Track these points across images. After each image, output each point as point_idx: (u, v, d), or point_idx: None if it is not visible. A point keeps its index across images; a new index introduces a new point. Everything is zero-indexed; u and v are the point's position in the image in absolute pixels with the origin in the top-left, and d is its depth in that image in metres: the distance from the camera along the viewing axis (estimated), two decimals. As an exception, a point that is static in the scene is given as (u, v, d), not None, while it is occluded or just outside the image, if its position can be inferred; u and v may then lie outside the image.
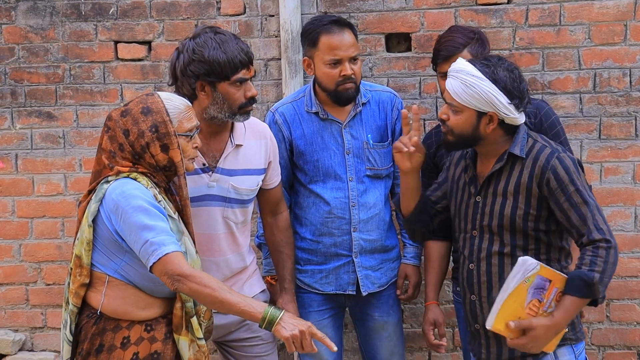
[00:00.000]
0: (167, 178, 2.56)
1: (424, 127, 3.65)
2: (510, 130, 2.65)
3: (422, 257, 3.29)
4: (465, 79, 2.58)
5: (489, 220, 2.65)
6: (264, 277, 3.23)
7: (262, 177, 2.99)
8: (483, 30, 3.39)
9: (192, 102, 2.75)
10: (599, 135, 3.59)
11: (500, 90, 2.56)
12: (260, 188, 3.01)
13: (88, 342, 2.49)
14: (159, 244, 2.36)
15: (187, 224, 2.60)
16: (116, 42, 3.79)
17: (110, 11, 3.78)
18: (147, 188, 2.46)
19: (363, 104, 3.19)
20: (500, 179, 2.65)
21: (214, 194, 2.86)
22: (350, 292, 3.18)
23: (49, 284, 3.90)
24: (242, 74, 2.77)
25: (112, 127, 2.53)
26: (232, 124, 2.92)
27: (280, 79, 3.71)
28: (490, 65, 2.60)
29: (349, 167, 3.15)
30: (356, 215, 3.14)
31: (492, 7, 3.59)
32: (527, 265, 2.49)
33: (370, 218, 3.16)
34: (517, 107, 2.59)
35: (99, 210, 2.47)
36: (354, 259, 3.16)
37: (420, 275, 3.30)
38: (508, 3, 3.58)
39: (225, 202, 2.90)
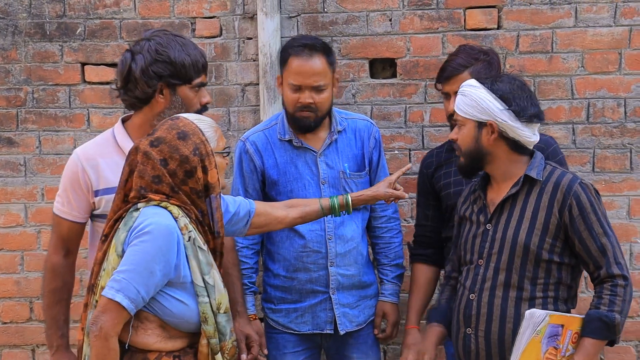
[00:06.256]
0: (198, 205, 2.56)
1: (409, 157, 3.70)
2: (519, 148, 2.73)
3: (403, 293, 3.32)
4: (464, 90, 2.74)
5: (499, 247, 2.70)
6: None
7: None
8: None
9: (142, 107, 2.80)
10: (593, 167, 3.64)
11: (496, 96, 2.68)
12: None
13: None
14: (120, 289, 2.40)
15: (219, 254, 2.62)
16: (83, 64, 3.81)
17: (77, 31, 3.80)
18: (176, 219, 2.47)
19: (339, 132, 3.22)
20: (516, 204, 2.71)
21: None
22: (328, 331, 3.19)
23: (5, 323, 3.87)
24: (202, 78, 2.87)
25: (142, 161, 2.51)
26: None
27: (258, 105, 3.73)
28: (495, 78, 2.76)
29: (324, 198, 3.18)
30: (333, 248, 3.16)
31: (482, 32, 3.65)
32: (535, 318, 2.53)
33: (348, 252, 3.18)
34: (518, 115, 2.67)
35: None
36: (332, 295, 3.17)
37: (399, 313, 3.31)
38: (498, 28, 3.65)
39: None
